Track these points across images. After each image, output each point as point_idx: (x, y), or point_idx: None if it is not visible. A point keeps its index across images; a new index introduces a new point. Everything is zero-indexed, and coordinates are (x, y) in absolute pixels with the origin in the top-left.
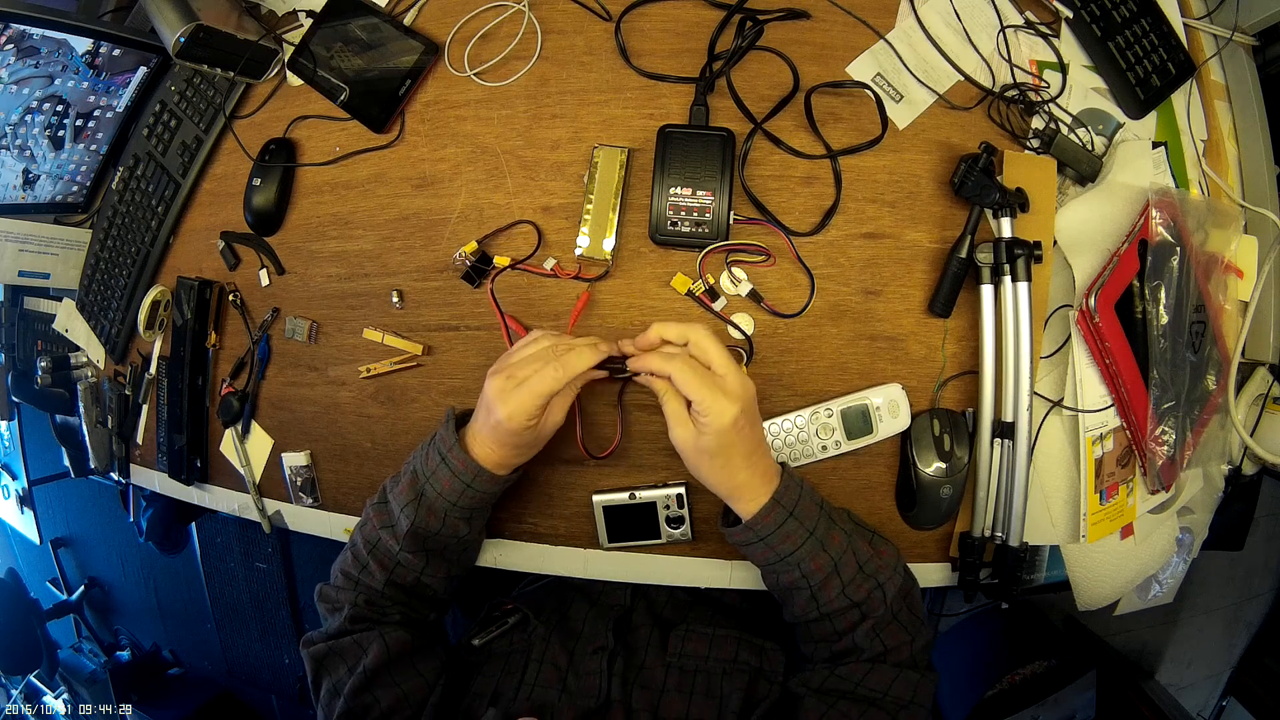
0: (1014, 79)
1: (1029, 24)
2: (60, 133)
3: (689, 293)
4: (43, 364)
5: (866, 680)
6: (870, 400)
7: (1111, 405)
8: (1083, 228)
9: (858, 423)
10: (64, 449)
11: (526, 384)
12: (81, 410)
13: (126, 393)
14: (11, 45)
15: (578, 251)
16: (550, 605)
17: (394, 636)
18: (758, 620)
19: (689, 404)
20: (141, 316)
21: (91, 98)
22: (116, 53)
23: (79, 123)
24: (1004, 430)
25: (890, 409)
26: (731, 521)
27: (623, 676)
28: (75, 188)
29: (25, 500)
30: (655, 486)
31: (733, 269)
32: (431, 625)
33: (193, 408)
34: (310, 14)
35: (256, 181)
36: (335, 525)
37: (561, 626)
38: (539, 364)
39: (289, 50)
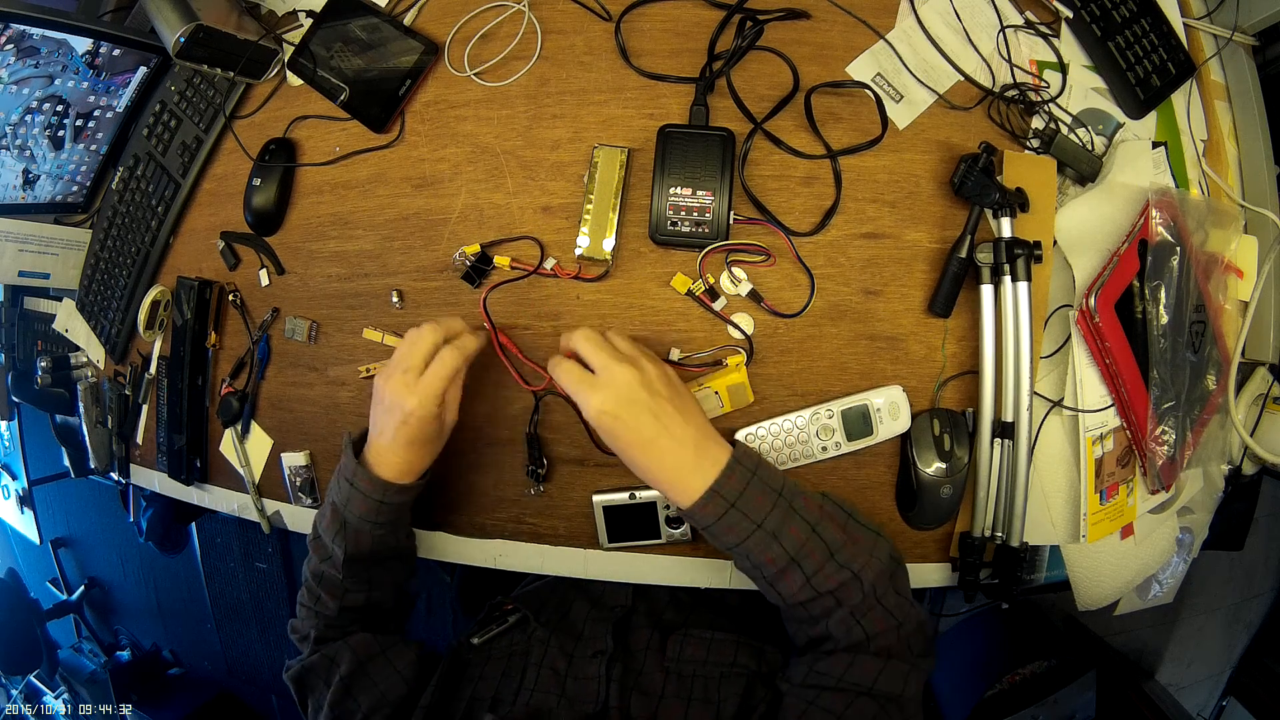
0: (1014, 79)
1: (1029, 24)
2: (60, 133)
3: (689, 293)
4: (43, 364)
5: (849, 674)
6: (871, 401)
7: (1111, 405)
8: (1083, 228)
9: (858, 424)
10: (64, 449)
11: (430, 371)
12: (81, 410)
13: (126, 393)
14: (11, 45)
15: (578, 251)
16: (551, 604)
17: (358, 640)
18: (758, 622)
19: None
20: (141, 316)
21: (91, 98)
22: (116, 53)
23: (79, 123)
24: (1004, 430)
25: (891, 410)
26: None
27: (621, 682)
28: (75, 188)
29: (25, 500)
30: None
31: (733, 269)
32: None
33: (192, 408)
34: (310, 14)
35: (256, 181)
36: None
37: (562, 628)
38: (430, 351)
39: (289, 50)
